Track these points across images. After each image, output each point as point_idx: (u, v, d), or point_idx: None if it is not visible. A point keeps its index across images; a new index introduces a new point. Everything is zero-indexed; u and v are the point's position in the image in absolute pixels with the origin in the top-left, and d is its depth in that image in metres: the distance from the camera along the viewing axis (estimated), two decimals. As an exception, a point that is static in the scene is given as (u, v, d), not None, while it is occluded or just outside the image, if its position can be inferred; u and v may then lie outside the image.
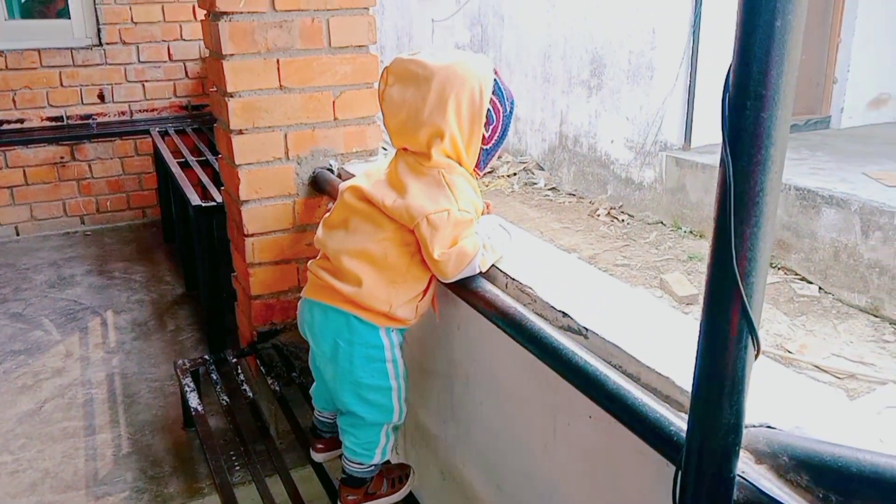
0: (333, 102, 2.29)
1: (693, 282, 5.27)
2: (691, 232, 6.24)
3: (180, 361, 2.40)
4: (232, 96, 2.18)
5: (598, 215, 7.00)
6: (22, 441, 2.33)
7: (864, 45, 6.94)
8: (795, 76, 0.71)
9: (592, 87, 7.45)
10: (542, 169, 8.39)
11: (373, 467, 1.70)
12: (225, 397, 2.19)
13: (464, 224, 1.47)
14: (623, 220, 6.83)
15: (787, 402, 1.01)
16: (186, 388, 2.24)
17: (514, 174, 8.37)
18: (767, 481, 0.87)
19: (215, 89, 2.34)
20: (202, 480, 2.13)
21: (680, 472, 0.89)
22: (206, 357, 2.42)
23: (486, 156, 1.59)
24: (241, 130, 2.21)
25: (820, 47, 6.98)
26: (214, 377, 2.30)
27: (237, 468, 2.10)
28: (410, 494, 1.82)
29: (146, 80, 4.50)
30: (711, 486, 0.86)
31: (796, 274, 5.34)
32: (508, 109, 1.57)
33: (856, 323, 4.71)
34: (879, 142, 6.56)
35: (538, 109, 8.37)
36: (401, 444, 2.21)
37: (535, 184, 8.10)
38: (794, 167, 5.68)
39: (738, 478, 0.86)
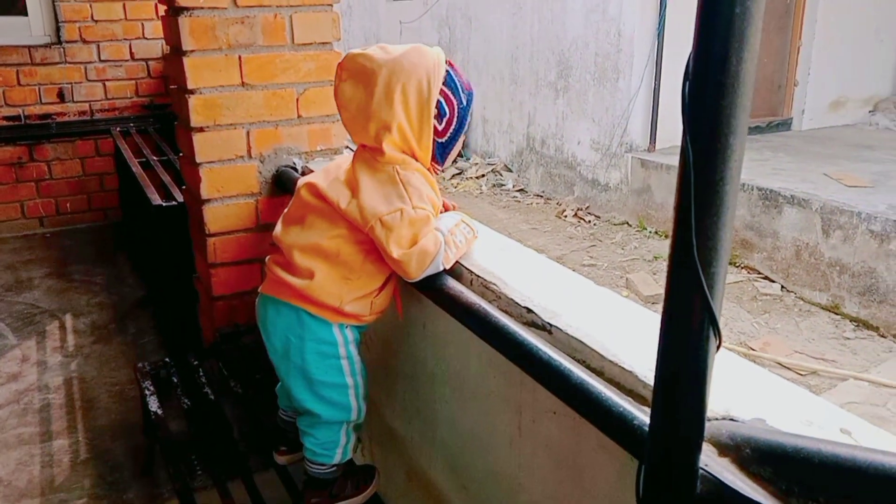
0: (297, 100, 2.26)
1: (658, 281, 5.31)
2: (656, 232, 6.30)
3: (140, 365, 2.34)
4: (192, 93, 2.14)
5: (566, 216, 7.03)
6: (-26, 448, 2.26)
7: (823, 49, 7.08)
8: (755, 64, 0.71)
9: (559, 88, 7.49)
10: (510, 171, 8.42)
11: (335, 468, 1.68)
12: (186, 400, 2.14)
13: (421, 222, 1.45)
14: (590, 221, 6.87)
15: (749, 395, 1.01)
16: (146, 392, 2.19)
17: (483, 176, 8.38)
18: (730, 474, 0.87)
19: (175, 86, 2.30)
20: (162, 486, 2.08)
21: (643, 467, 0.88)
22: (168, 360, 2.37)
23: (441, 149, 1.56)
24: (201, 128, 2.17)
25: (781, 51, 7.11)
26: (175, 380, 2.25)
27: (198, 472, 2.05)
28: (376, 496, 1.79)
29: (107, 79, 4.41)
30: (675, 479, 0.85)
31: (759, 273, 5.41)
32: (464, 101, 1.53)
33: (817, 320, 4.79)
34: (839, 143, 6.70)
35: (506, 111, 8.39)
36: (366, 444, 2.19)
37: (504, 185, 8.12)
38: (756, 167, 5.76)
39: (701, 471, 0.86)
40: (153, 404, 2.13)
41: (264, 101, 2.22)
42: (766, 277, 5.37)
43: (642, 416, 0.96)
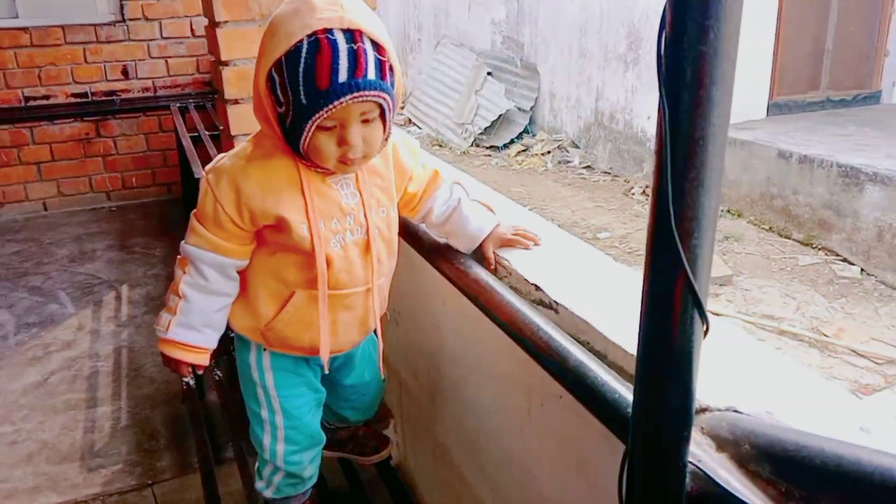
0: (331, 71, 2.22)
1: (728, 262, 5.09)
2: (728, 211, 6.03)
3: (181, 335, 2.37)
4: (226, 65, 2.12)
5: (633, 194, 6.82)
6: (25, 412, 2.34)
7: (918, 14, 6.58)
8: (741, 5, 0.61)
9: (629, 61, 7.24)
10: (576, 147, 8.21)
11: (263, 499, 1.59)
12: (218, 372, 2.15)
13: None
14: (658, 199, 6.63)
15: (761, 385, 0.91)
16: (183, 363, 2.21)
17: (548, 152, 8.21)
18: (725, 471, 0.78)
19: (213, 59, 2.29)
20: (194, 456, 2.10)
21: (627, 460, 0.80)
22: (207, 331, 2.39)
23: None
24: (236, 100, 2.15)
25: (871, 18, 6.64)
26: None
27: (228, 444, 2.06)
28: (405, 474, 1.75)
29: (169, 56, 4.49)
30: (660, 474, 0.77)
31: (837, 255, 5.11)
32: (304, 99, 1.08)
33: (899, 306, 4.49)
34: (933, 117, 6.23)
35: (573, 86, 8.17)
36: (398, 421, 2.15)
37: (570, 162, 7.93)
38: (837, 143, 5.42)
39: (691, 466, 0.77)
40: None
41: (299, 72, 2.19)
42: (844, 260, 5.07)
43: (635, 403, 0.88)
